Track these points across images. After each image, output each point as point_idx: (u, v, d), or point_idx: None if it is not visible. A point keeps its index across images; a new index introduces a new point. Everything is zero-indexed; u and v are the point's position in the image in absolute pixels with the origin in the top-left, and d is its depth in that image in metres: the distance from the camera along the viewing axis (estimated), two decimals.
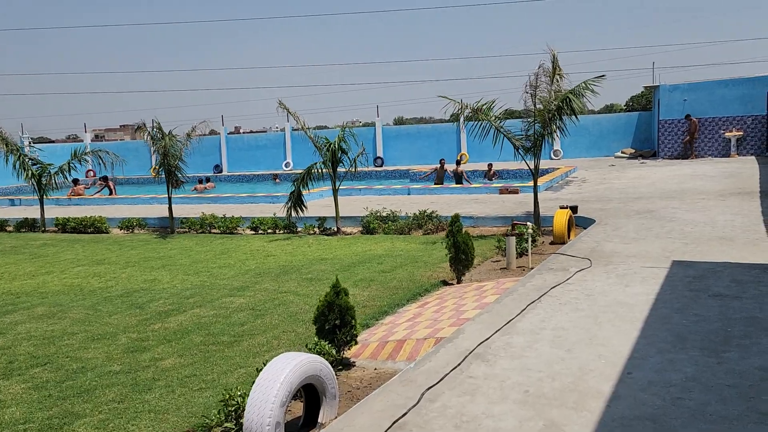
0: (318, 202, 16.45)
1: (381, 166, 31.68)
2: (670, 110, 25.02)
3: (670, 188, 14.82)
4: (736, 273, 6.67)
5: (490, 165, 22.78)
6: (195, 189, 26.39)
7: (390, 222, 12.19)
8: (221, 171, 35.16)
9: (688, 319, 5.26)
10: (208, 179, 27.91)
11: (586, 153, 29.49)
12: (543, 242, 10.07)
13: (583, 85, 10.45)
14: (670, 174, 18.35)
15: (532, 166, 10.98)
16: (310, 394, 4.20)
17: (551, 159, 29.50)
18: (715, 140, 24.39)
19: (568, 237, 10.20)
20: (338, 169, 12.72)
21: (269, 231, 13.04)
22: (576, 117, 10.42)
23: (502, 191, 16.05)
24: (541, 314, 5.65)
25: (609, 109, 65.42)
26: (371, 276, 8.37)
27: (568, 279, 6.85)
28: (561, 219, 9.78)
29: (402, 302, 7.02)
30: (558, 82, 11.06)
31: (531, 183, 16.75)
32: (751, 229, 9.12)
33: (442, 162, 21.65)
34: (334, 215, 12.50)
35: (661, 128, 25.33)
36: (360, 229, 12.53)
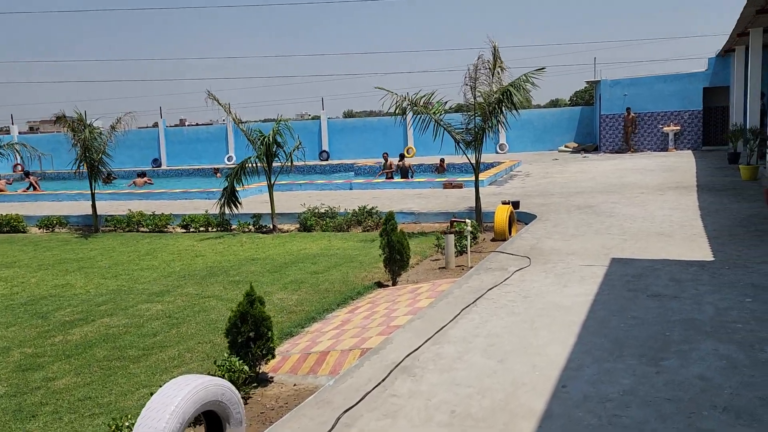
0: (256, 198, 15.81)
1: (327, 159, 31.09)
2: (611, 105, 25.37)
3: (610, 182, 14.86)
4: (674, 271, 6.50)
5: (442, 159, 22.52)
6: (133, 184, 25.28)
7: (328, 219, 11.71)
8: (160, 165, 33.83)
9: (626, 322, 5.00)
10: (144, 174, 26.70)
11: (531, 147, 29.69)
12: (484, 239, 9.80)
13: (524, 77, 10.20)
14: (611, 168, 18.50)
15: (473, 161, 10.69)
16: (212, 420, 3.70)
17: (497, 153, 29.58)
18: (654, 135, 24.88)
19: (510, 233, 9.96)
20: (274, 164, 12.13)
21: (201, 229, 12.35)
22: (517, 110, 10.17)
23: (447, 186, 15.78)
24: (476, 319, 5.30)
25: (554, 103, 66.51)
26: (303, 277, 7.88)
27: (506, 279, 6.54)
28: (502, 215, 9.52)
29: (332, 307, 6.57)
30: (499, 74, 10.78)
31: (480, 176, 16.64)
32: (689, 224, 9.08)
33: (385, 156, 21.19)
34: (270, 212, 11.92)
35: (603, 123, 25.67)
36: (297, 226, 12.00)
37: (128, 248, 10.84)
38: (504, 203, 11.53)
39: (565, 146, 28.58)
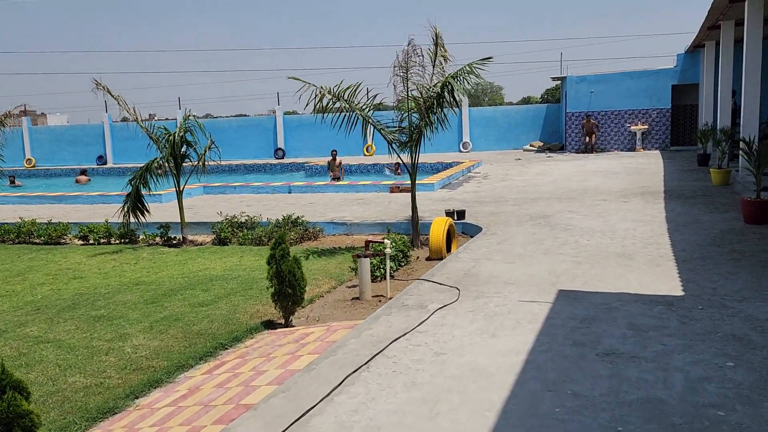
0: (186, 203, 14.10)
1: (282, 157, 29.41)
2: (578, 102, 24.18)
3: (571, 187, 13.55)
4: (634, 311, 5.11)
5: (397, 163, 21.04)
6: (77, 181, 23.50)
7: (246, 230, 10.13)
8: (105, 163, 31.78)
9: (563, 404, 3.57)
10: (85, 171, 24.72)
11: (496, 145, 28.43)
12: (418, 258, 8.33)
13: (467, 68, 8.75)
14: (574, 170, 17.25)
15: (409, 164, 9.21)
16: None
17: (460, 152, 28.28)
18: (620, 134, 23.77)
19: (449, 250, 8.52)
20: (191, 166, 10.46)
21: (102, 241, 10.67)
22: (458, 106, 8.71)
23: (393, 190, 14.31)
24: (360, 395, 3.81)
25: (526, 101, 65.58)
26: (181, 312, 6.32)
27: (420, 324, 5.08)
28: (438, 231, 8.06)
29: (191, 362, 5.02)
30: (442, 65, 9.33)
31: (429, 179, 15.16)
32: (654, 242, 7.74)
33: (333, 154, 19.56)
34: (182, 221, 10.29)
35: (568, 121, 24.49)
36: (213, 237, 10.39)
37: (1, 266, 9.12)
38: (447, 213, 10.13)
39: (530, 145, 27.37)
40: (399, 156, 9.18)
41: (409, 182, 14.69)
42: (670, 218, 9.30)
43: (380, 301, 6.41)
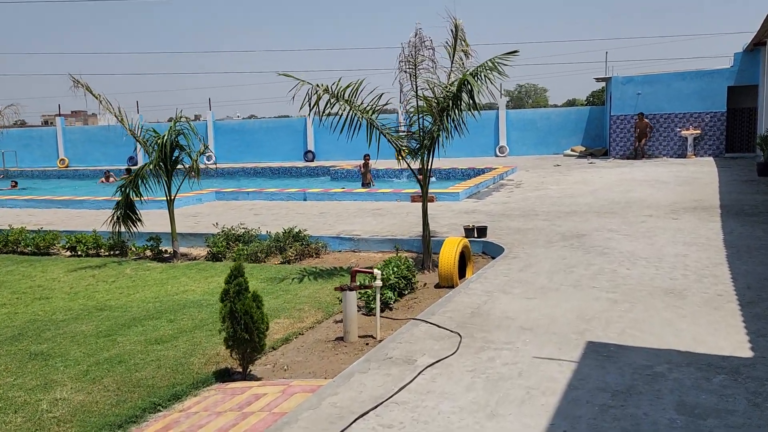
0: (192, 210, 13.30)
1: (312, 160, 28.53)
2: (623, 105, 22.50)
3: (612, 198, 12.13)
4: (686, 382, 3.85)
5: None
6: (102, 182, 23.49)
7: (242, 244, 9.13)
8: (136, 163, 31.54)
9: None
10: (108, 173, 24.41)
11: (534, 150, 26.91)
12: (426, 285, 7.16)
13: (489, 63, 7.53)
14: (618, 178, 15.73)
15: (421, 174, 8.03)
16: None
17: (497, 156, 26.90)
18: (670, 139, 21.99)
19: (463, 276, 7.34)
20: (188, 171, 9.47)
21: (91, 252, 9.84)
22: (477, 109, 7.50)
23: (415, 199, 13.14)
24: None
25: (571, 103, 63.27)
26: (130, 351, 5.32)
27: (402, 388, 3.92)
28: (448, 255, 6.87)
29: (113, 426, 3.98)
30: (462, 61, 8.14)
31: (455, 188, 13.88)
32: (710, 274, 6.38)
33: (366, 158, 18.27)
34: (173, 233, 9.35)
35: (613, 124, 22.83)
36: (207, 251, 9.43)
37: None
38: (466, 230, 8.93)
39: (572, 150, 25.75)
40: (408, 165, 8.02)
41: (432, 191, 13.67)
42: (729, 242, 7.88)
43: (367, 343, 5.27)
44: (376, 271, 5.38)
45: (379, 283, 5.37)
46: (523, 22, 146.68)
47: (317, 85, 7.28)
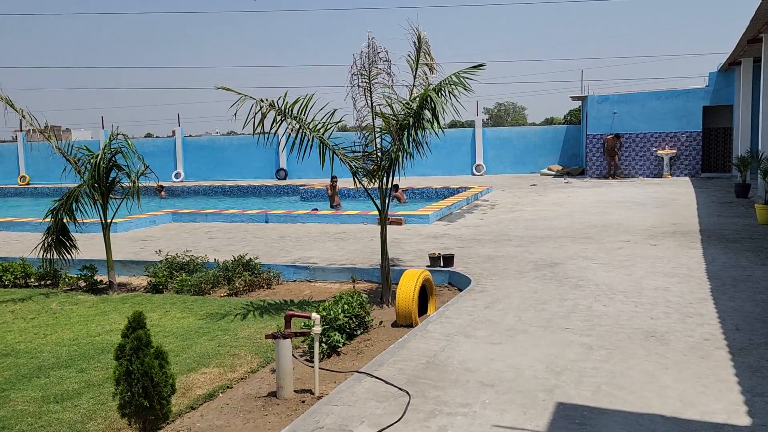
0: (143, 233, 12.43)
1: (284, 178, 27.71)
2: (599, 124, 22.15)
3: (589, 221, 11.55)
4: None
5: (396, 185, 19.08)
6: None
7: (186, 273, 8.32)
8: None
9: None
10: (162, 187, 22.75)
11: (512, 168, 26.45)
12: (383, 323, 6.41)
13: (453, 77, 6.89)
14: (594, 199, 15.22)
15: (379, 199, 7.32)
16: None
17: (473, 175, 26.36)
18: (646, 158, 21.64)
19: (424, 311, 6.63)
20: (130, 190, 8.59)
21: (19, 282, 8.92)
22: (440, 127, 6.84)
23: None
24: None
25: (549, 122, 63.33)
26: (19, 413, 4.48)
27: None
28: (407, 289, 6.14)
29: None
30: (426, 76, 7.50)
31: (425, 210, 13.12)
32: (695, 312, 5.74)
33: (334, 180, 17.35)
34: (109, 262, 8.49)
35: (589, 143, 22.45)
36: (149, 281, 8.59)
37: None
38: (431, 258, 8.24)
39: (548, 169, 25.33)
40: (366, 189, 7.31)
41: (400, 214, 12.93)
42: (712, 272, 7.28)
43: (303, 400, 4.51)
44: (314, 315, 4.62)
45: (317, 330, 4.62)
46: (502, 40, 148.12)
47: (261, 100, 6.56)
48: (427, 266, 8.18)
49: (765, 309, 5.75)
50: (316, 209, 14.82)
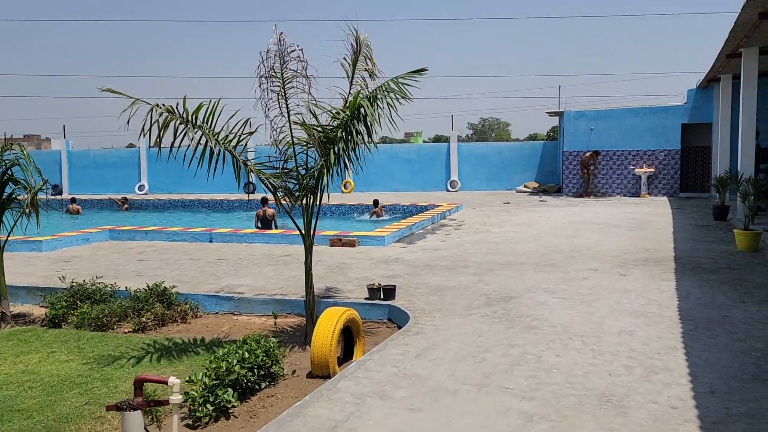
0: (70, 252, 11.30)
1: (253, 192, 26.57)
2: (575, 140, 21.41)
3: (556, 245, 10.65)
4: None
5: (375, 201, 18.21)
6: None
7: (91, 303, 7.25)
8: (61, 192, 29.12)
9: None
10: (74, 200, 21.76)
11: (487, 185, 25.62)
12: (296, 372, 5.39)
13: (390, 84, 5.96)
14: (567, 219, 14.36)
15: (302, 221, 6.34)
16: None
17: (448, 191, 25.51)
18: (624, 176, 20.91)
19: (350, 357, 5.64)
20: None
21: None
22: (371, 141, 5.90)
23: (334, 243, 11.43)
24: None
25: (533, 138, 62.99)
26: None
27: None
28: (324, 334, 5.14)
29: None
30: (365, 83, 6.57)
31: (381, 231, 11.92)
32: (662, 366, 4.81)
33: (263, 201, 15.01)
34: (1, 289, 7.40)
35: (566, 160, 21.70)
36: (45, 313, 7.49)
37: None
38: (370, 290, 7.26)
39: (525, 186, 24.55)
40: (287, 211, 6.34)
41: (353, 235, 11.85)
42: (685, 310, 6.37)
43: None
44: (172, 380, 3.61)
45: (176, 399, 3.60)
46: (484, 55, 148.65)
47: (158, 105, 5.56)
48: (366, 299, 7.20)
49: (744, 362, 4.84)
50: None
